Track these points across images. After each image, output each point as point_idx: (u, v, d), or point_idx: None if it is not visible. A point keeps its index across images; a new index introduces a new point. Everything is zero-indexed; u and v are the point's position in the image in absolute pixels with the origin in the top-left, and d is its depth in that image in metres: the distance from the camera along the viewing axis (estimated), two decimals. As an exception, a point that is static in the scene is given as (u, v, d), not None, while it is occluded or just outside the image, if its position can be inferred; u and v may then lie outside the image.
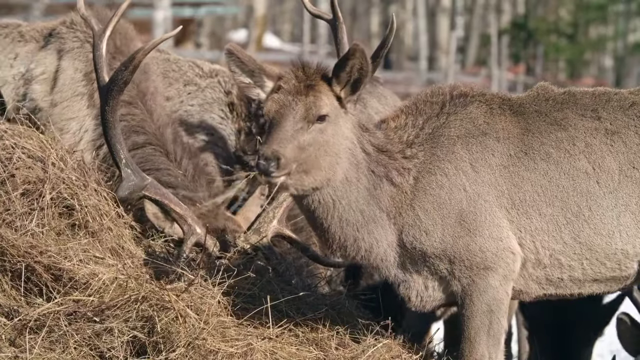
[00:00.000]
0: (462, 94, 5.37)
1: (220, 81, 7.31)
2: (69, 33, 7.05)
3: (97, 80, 5.83)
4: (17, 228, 5.45)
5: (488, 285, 5.21)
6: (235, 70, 5.34)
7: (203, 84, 7.31)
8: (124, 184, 5.78)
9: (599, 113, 5.33)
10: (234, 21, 48.14)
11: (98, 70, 5.82)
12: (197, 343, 5.20)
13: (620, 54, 50.25)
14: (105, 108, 5.78)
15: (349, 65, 5.09)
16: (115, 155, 5.80)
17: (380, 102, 7.24)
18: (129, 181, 5.79)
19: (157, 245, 6.12)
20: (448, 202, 5.20)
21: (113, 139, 5.80)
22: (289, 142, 5.00)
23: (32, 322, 5.24)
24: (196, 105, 7.18)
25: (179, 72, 7.33)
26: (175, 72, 7.31)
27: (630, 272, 5.30)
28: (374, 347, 5.42)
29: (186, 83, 7.29)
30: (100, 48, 5.86)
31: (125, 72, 5.72)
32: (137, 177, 5.81)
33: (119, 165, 5.81)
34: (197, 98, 7.26)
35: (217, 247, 6.03)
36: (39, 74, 7.03)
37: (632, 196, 5.23)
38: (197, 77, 7.34)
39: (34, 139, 5.76)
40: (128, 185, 5.79)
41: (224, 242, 6.05)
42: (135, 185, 5.80)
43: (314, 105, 5.08)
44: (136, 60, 5.70)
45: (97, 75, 5.82)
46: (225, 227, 6.18)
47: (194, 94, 7.28)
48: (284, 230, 6.12)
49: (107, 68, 5.82)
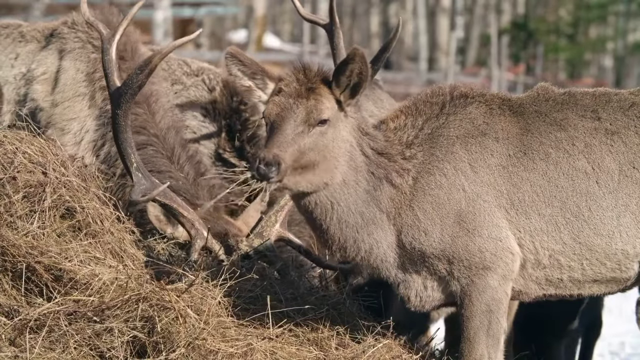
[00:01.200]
0: (463, 95, 5.37)
1: (205, 79, 7.32)
2: (70, 33, 7.05)
3: (108, 84, 5.77)
4: (18, 229, 5.46)
5: (487, 285, 5.22)
6: (236, 74, 5.31)
7: (188, 82, 7.32)
8: (136, 189, 5.73)
9: (599, 113, 5.33)
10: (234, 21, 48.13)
11: (108, 75, 5.76)
12: (197, 343, 5.21)
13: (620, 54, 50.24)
14: (117, 112, 5.72)
15: (349, 69, 5.09)
16: (126, 159, 5.76)
17: (376, 105, 7.26)
18: (140, 185, 5.74)
19: (158, 246, 6.13)
20: (447, 202, 5.20)
21: (124, 143, 5.75)
22: (290, 145, 5.00)
23: (33, 321, 5.25)
24: (180, 105, 7.20)
25: (168, 70, 7.35)
26: (165, 70, 7.32)
27: (630, 272, 5.30)
28: (374, 347, 5.42)
29: (174, 82, 7.31)
30: (110, 52, 5.81)
31: (140, 76, 5.66)
32: (147, 181, 5.77)
33: (129, 169, 5.76)
34: (181, 97, 7.28)
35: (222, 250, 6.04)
36: (40, 74, 7.03)
37: (632, 196, 5.23)
38: (184, 75, 7.35)
39: (35, 144, 5.75)
40: (140, 189, 5.74)
41: (227, 246, 6.06)
42: (147, 189, 5.76)
43: (315, 108, 5.08)
44: (152, 64, 5.64)
45: (108, 80, 5.76)
46: (227, 231, 6.19)
47: (180, 93, 7.29)
48: (286, 233, 6.13)
49: (117, 72, 5.77)
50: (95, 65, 6.86)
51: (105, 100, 6.76)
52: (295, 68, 5.17)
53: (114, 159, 6.62)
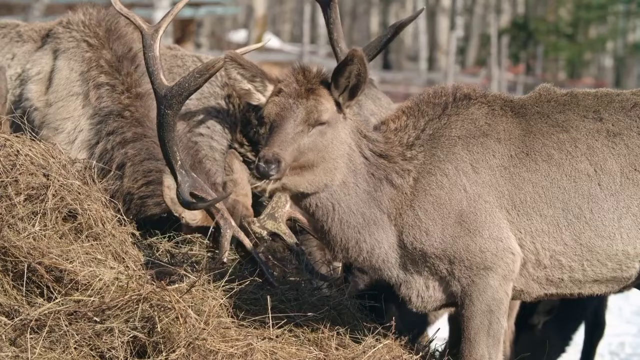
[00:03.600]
0: (465, 96, 5.37)
1: (218, 75, 7.32)
2: (64, 33, 7.04)
3: (153, 82, 5.64)
4: (20, 231, 5.46)
5: (487, 286, 5.22)
6: (235, 77, 5.31)
7: None
8: (182, 187, 5.66)
9: (601, 114, 5.33)
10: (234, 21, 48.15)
11: (154, 73, 5.64)
12: (198, 343, 5.21)
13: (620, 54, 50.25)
14: (168, 111, 5.59)
15: (347, 70, 5.10)
16: (171, 156, 5.67)
17: (375, 104, 7.27)
18: (185, 183, 5.68)
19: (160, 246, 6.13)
20: (448, 202, 5.21)
21: (170, 142, 5.65)
22: (290, 144, 5.01)
23: (33, 322, 5.24)
24: (194, 99, 7.19)
25: (183, 67, 7.36)
26: (180, 67, 7.33)
27: (631, 272, 5.30)
28: (374, 347, 5.42)
29: None
30: (154, 49, 5.68)
31: (199, 80, 5.52)
32: (190, 177, 5.72)
33: (173, 166, 5.69)
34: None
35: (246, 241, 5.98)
36: (34, 74, 7.03)
37: (634, 198, 5.23)
38: None
39: (36, 147, 5.73)
40: (186, 187, 5.67)
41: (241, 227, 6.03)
42: (190, 185, 5.72)
43: (315, 109, 5.09)
44: (215, 69, 5.47)
45: (153, 78, 5.64)
46: (235, 208, 6.15)
47: None
48: (296, 213, 6.10)
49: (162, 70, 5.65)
50: (90, 64, 6.86)
51: (99, 99, 6.77)
52: (294, 69, 5.18)
53: (109, 154, 6.63)
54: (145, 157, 6.55)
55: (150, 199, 6.47)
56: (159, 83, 5.63)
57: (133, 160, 6.56)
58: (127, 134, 6.60)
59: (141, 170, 6.53)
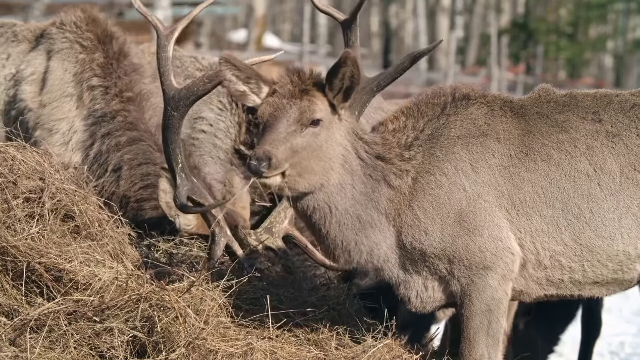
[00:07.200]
0: (465, 96, 5.38)
1: None
2: (58, 34, 7.05)
3: (163, 83, 5.67)
4: (19, 232, 5.46)
5: (487, 285, 5.22)
6: (230, 79, 5.31)
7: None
8: (180, 191, 5.69)
9: (601, 115, 5.33)
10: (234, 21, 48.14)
11: (165, 74, 5.67)
12: (198, 343, 5.21)
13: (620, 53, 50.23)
14: (174, 114, 5.64)
15: (341, 73, 5.12)
16: (173, 159, 5.71)
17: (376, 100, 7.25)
18: (184, 186, 5.71)
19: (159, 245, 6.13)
20: (447, 202, 5.21)
21: (174, 144, 5.69)
22: (282, 143, 5.02)
23: (33, 322, 5.25)
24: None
25: (182, 67, 7.36)
26: (179, 67, 7.34)
27: (633, 274, 5.30)
28: (374, 347, 5.42)
29: (187, 77, 7.30)
30: (168, 50, 5.72)
31: (209, 85, 5.58)
32: (189, 181, 5.74)
33: (174, 169, 5.72)
34: None
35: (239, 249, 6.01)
36: (28, 75, 7.04)
37: (634, 198, 5.23)
38: (197, 71, 7.37)
39: (31, 153, 5.73)
40: (184, 191, 5.69)
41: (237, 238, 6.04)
42: (189, 190, 5.73)
43: (309, 109, 5.11)
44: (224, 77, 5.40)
45: (164, 79, 5.67)
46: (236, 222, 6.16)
47: None
48: (294, 231, 6.12)
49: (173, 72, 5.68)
50: (84, 66, 6.87)
51: (93, 101, 6.78)
52: (289, 71, 5.21)
53: (104, 157, 6.63)
54: (142, 161, 6.56)
55: (148, 202, 6.48)
56: (168, 84, 5.67)
57: (130, 164, 6.57)
58: (123, 138, 6.61)
59: (138, 174, 6.55)
